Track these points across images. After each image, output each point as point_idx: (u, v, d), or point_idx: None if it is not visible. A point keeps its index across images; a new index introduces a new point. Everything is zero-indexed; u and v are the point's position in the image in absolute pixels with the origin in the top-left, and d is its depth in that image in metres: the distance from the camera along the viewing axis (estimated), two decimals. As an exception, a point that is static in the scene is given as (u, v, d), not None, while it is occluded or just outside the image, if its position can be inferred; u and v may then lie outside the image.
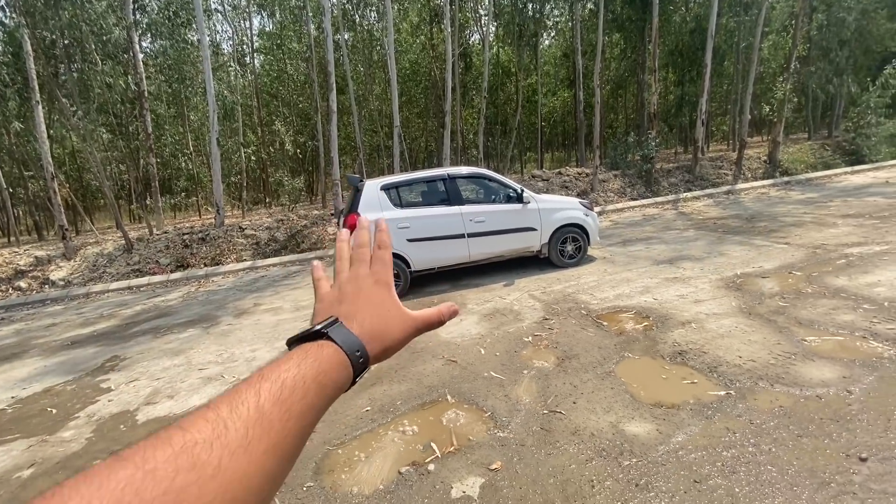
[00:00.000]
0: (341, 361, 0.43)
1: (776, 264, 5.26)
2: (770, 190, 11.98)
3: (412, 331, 0.52)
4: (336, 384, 0.42)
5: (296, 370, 0.40)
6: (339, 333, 0.45)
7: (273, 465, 0.34)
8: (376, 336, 0.48)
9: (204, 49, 10.11)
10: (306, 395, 0.39)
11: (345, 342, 0.45)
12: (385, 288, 0.52)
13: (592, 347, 3.65)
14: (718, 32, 17.98)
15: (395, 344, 0.50)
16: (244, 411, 0.35)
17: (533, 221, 6.04)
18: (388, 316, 0.50)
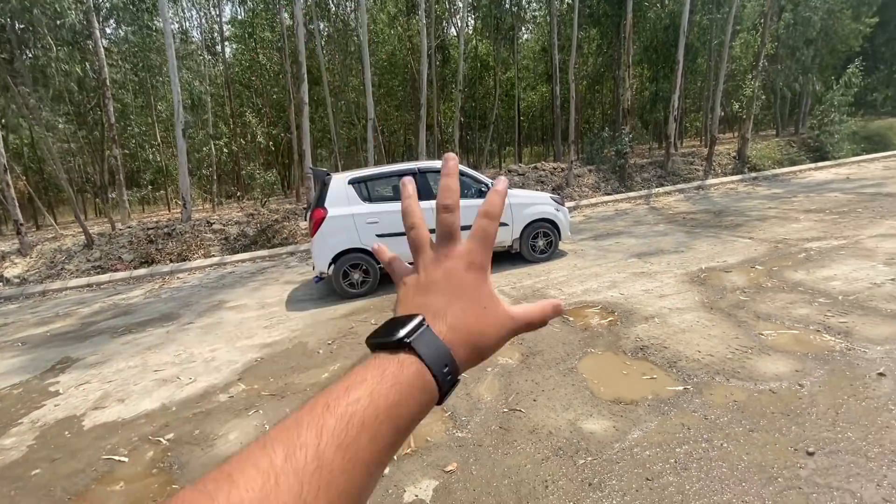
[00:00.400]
0: (425, 385, 0.36)
1: (740, 259, 5.37)
2: (738, 185, 12.27)
3: (510, 332, 0.43)
4: (414, 416, 0.35)
5: (367, 402, 0.33)
6: (426, 343, 0.37)
7: None
8: (468, 339, 0.40)
9: (167, 36, 9.70)
10: (376, 436, 0.32)
11: (430, 355, 0.36)
12: (482, 274, 0.43)
13: (557, 343, 3.64)
14: (692, 30, 18.27)
15: (488, 349, 0.42)
16: (301, 460, 0.29)
17: (504, 216, 5.99)
18: (483, 313, 0.41)
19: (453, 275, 0.42)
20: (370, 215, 5.52)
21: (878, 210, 7.04)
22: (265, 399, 3.34)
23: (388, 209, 5.62)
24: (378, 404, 0.33)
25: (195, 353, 4.41)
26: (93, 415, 3.42)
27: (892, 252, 4.93)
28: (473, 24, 20.44)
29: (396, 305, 0.43)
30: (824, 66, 19.09)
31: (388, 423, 0.33)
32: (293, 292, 6.26)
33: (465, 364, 0.40)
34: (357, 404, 0.32)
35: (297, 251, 9.35)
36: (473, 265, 0.43)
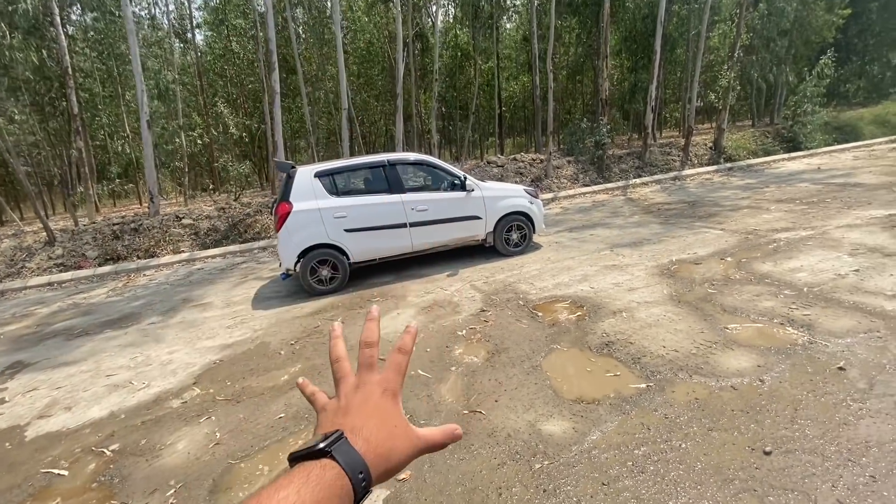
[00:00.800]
0: (343, 487, 0.40)
1: (710, 250, 5.38)
2: (714, 176, 12.39)
3: (416, 450, 0.48)
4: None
5: (294, 498, 0.37)
6: (344, 452, 0.42)
7: None
8: (382, 454, 0.45)
9: (128, 21, 9.26)
10: None
11: (349, 463, 0.42)
12: (393, 400, 0.50)
13: (524, 340, 3.57)
14: (670, 20, 18.32)
15: (398, 464, 0.46)
16: None
17: (477, 210, 5.91)
18: (394, 432, 0.47)
19: (369, 398, 0.48)
20: (338, 209, 5.35)
21: (846, 200, 7.15)
22: (219, 404, 3.20)
23: (357, 203, 5.47)
24: (304, 500, 0.37)
25: (152, 356, 4.22)
26: (37, 424, 3.23)
27: (857, 242, 4.99)
28: (453, 13, 20.12)
29: (316, 429, 0.48)
30: (798, 57, 19.37)
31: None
32: (261, 289, 6.07)
33: (377, 476, 0.44)
34: (286, 500, 0.36)
35: (269, 246, 9.11)
36: (388, 391, 0.50)
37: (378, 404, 0.48)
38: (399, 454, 0.46)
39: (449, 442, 0.52)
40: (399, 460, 0.46)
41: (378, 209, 5.51)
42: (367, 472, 0.42)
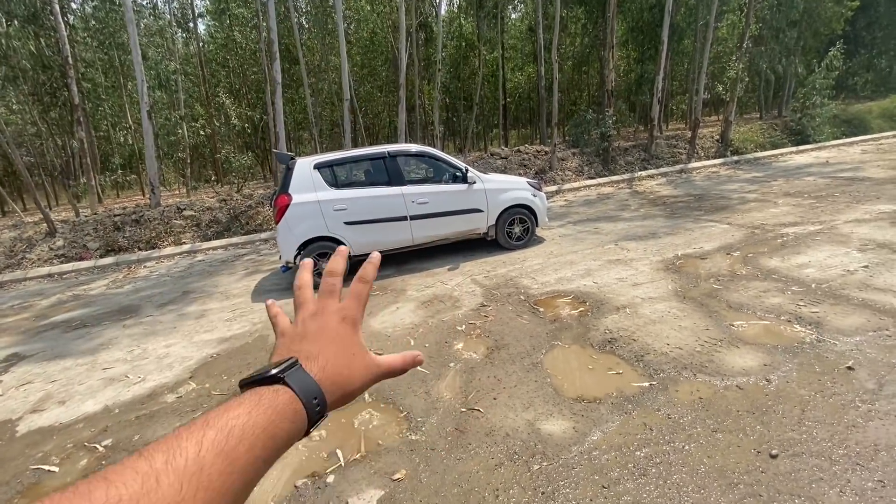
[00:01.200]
0: (296, 411, 0.40)
1: (716, 245, 5.28)
2: (720, 169, 12.22)
3: (375, 377, 0.49)
4: (288, 435, 0.39)
5: (246, 418, 0.36)
6: (297, 378, 0.42)
7: None
8: (337, 381, 0.45)
9: (127, 10, 9.15)
10: (254, 447, 0.35)
11: (302, 389, 0.41)
12: (352, 327, 0.49)
13: (524, 336, 3.50)
14: (678, 10, 17.99)
15: (355, 391, 0.47)
16: (181, 463, 0.31)
17: (479, 202, 5.82)
18: (352, 359, 0.47)
19: (327, 325, 0.48)
20: (338, 202, 5.28)
21: (855, 195, 7.01)
22: (215, 399, 3.16)
23: (357, 195, 5.39)
24: (255, 421, 0.36)
25: (149, 349, 4.19)
26: (29, 419, 3.21)
27: (866, 238, 4.87)
28: (457, 2, 19.83)
29: (272, 354, 0.47)
30: (807, 48, 19.02)
31: (263, 439, 0.36)
32: (261, 282, 6.03)
33: (333, 402, 0.44)
34: (237, 419, 0.36)
35: (271, 238, 9.06)
36: (347, 319, 0.49)
37: (336, 331, 0.48)
38: (356, 381, 0.46)
39: (409, 367, 0.52)
40: (356, 387, 0.46)
41: (378, 202, 5.43)
42: (322, 398, 0.42)
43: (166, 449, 0.32)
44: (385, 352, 3.58)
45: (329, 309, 0.49)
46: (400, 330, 3.92)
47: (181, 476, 0.30)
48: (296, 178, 5.20)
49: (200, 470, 0.31)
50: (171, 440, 0.33)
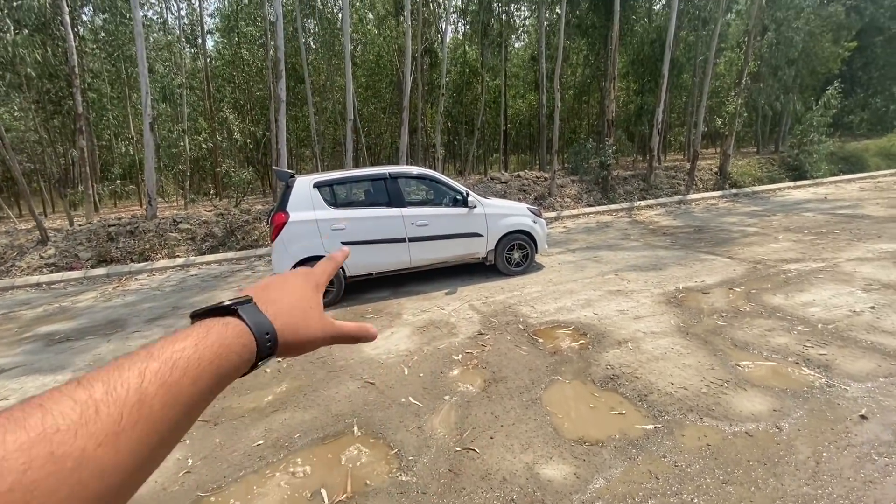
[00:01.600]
0: (246, 344, 0.40)
1: (718, 279, 5.20)
2: (719, 201, 12.27)
3: (328, 336, 0.50)
4: (235, 368, 0.39)
5: (192, 351, 0.36)
6: (250, 313, 0.42)
7: (145, 455, 0.30)
8: (291, 326, 0.45)
9: (137, 24, 9.25)
10: (198, 379, 0.35)
11: (255, 322, 0.42)
12: (314, 288, 0.51)
13: (523, 369, 3.37)
14: (678, 45, 18.44)
15: (310, 340, 0.47)
16: (122, 393, 0.31)
17: (479, 227, 5.75)
18: (308, 312, 0.48)
19: (290, 280, 0.51)
20: (336, 221, 5.20)
21: (856, 232, 6.99)
22: (195, 426, 3.00)
23: (356, 215, 5.32)
24: (202, 354, 0.36)
25: (132, 368, 4.02)
26: None
27: (870, 277, 4.81)
28: (462, 30, 20.27)
29: None
30: (804, 86, 19.45)
31: (209, 372, 0.36)
32: (253, 300, 5.88)
33: (285, 345, 0.44)
34: (182, 352, 0.35)
35: (267, 254, 8.95)
36: (310, 280, 0.52)
37: (297, 286, 0.50)
38: (309, 332, 0.47)
39: (362, 339, 0.53)
40: (309, 337, 0.47)
41: (377, 223, 5.36)
42: (274, 335, 0.43)
43: (107, 378, 0.31)
44: (377, 379, 3.44)
45: (298, 271, 0.53)
46: (394, 357, 3.78)
47: (122, 406, 0.30)
48: (294, 195, 5.13)
49: (141, 401, 0.31)
50: (111, 370, 0.32)
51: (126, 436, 0.29)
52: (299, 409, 3.08)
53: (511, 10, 17.99)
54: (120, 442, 0.29)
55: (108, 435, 0.28)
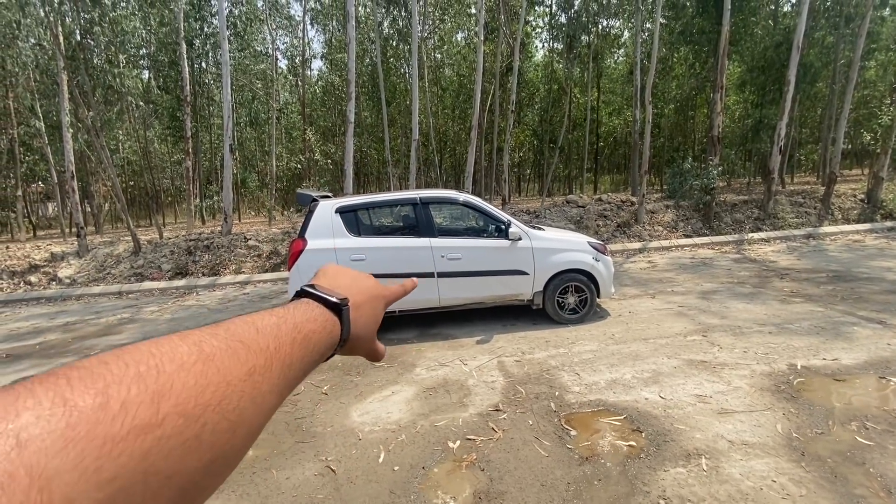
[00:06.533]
0: (335, 343, 0.44)
1: (862, 357, 3.63)
2: (866, 237, 9.67)
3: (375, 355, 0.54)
4: (323, 358, 0.43)
5: (320, 328, 0.41)
6: (347, 317, 0.46)
7: (275, 406, 0.34)
8: (358, 338, 0.49)
9: (223, 52, 9.87)
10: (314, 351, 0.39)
11: (346, 328, 0.46)
12: (383, 306, 0.55)
13: (534, 482, 2.39)
14: (812, 47, 15.56)
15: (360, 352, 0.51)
16: (285, 349, 0.35)
17: (523, 263, 4.80)
18: (374, 327, 0.52)
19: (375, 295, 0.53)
20: (356, 251, 4.63)
21: None
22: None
23: (378, 245, 4.70)
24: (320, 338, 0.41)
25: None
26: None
27: None
28: (549, 45, 19.34)
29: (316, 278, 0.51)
30: None
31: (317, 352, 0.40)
32: (278, 329, 5.54)
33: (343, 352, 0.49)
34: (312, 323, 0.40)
35: (320, 276, 8.79)
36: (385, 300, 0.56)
37: (379, 304, 0.53)
38: (364, 347, 0.51)
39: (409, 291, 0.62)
40: (359, 347, 0.50)
41: (402, 254, 4.69)
42: (344, 344, 0.46)
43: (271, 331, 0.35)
44: (342, 465, 2.69)
45: (378, 284, 0.56)
46: (378, 430, 3.00)
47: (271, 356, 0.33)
48: (315, 221, 4.68)
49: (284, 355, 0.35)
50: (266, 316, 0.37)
51: (280, 390, 0.34)
52: (234, 496, 2.43)
53: (601, 21, 16.65)
54: (278, 393, 0.33)
55: (275, 387, 0.33)
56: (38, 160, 18.91)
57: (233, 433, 0.28)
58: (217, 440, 0.27)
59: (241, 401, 0.29)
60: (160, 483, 0.23)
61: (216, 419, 0.27)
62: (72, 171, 9.80)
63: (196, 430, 0.25)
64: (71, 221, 18.31)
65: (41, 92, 15.68)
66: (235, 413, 0.28)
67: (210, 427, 0.26)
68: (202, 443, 0.26)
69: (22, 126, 16.90)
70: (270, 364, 0.32)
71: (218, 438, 0.27)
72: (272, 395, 0.32)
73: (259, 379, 0.31)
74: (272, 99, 17.33)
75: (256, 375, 0.31)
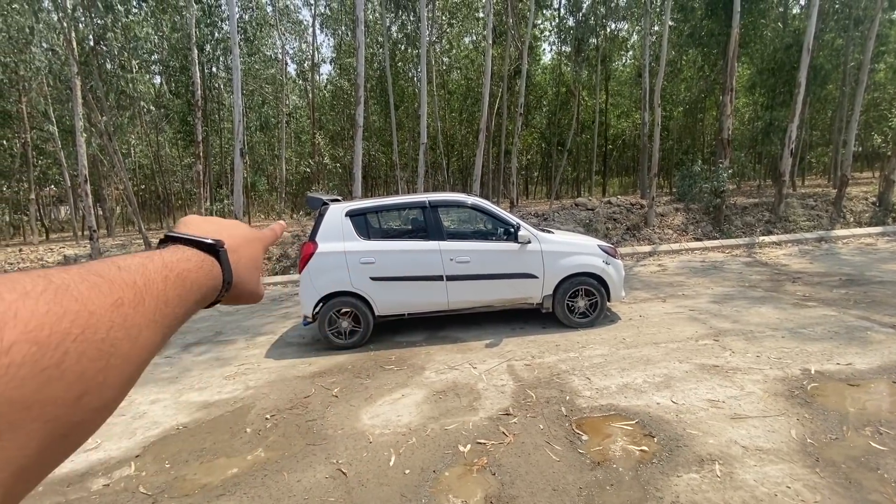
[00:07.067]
0: (216, 286, 0.44)
1: (876, 362, 3.59)
2: (878, 241, 9.55)
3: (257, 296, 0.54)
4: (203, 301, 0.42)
5: (194, 269, 0.40)
6: (226, 261, 0.46)
7: (154, 343, 0.33)
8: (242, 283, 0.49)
9: (234, 58, 9.99)
10: (188, 293, 0.39)
11: (227, 271, 0.45)
12: (262, 247, 0.55)
13: (545, 486, 2.39)
14: (823, 49, 15.43)
15: (246, 299, 0.52)
16: (156, 285, 0.35)
17: (532, 266, 4.80)
18: (256, 273, 0.53)
19: (250, 238, 0.53)
20: (366, 254, 4.66)
21: None
22: (135, 499, 2.54)
23: (387, 248, 4.73)
24: (196, 277, 0.40)
25: (135, 402, 3.82)
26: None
27: None
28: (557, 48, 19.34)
29: (181, 226, 0.48)
30: None
31: (194, 293, 0.39)
32: (287, 332, 5.58)
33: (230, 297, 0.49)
34: (186, 263, 0.40)
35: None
36: (264, 242, 0.56)
37: (257, 246, 0.54)
38: (248, 289, 0.51)
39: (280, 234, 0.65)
40: (244, 292, 0.50)
41: (411, 257, 4.71)
42: (230, 286, 0.46)
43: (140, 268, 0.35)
44: (353, 468, 2.70)
45: (250, 228, 0.55)
46: (389, 434, 3.02)
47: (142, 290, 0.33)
48: (325, 225, 4.72)
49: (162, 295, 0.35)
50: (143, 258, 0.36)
51: (158, 324, 0.33)
52: (245, 498, 2.46)
53: (609, 24, 16.64)
54: (154, 329, 0.33)
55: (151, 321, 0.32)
56: (52, 164, 19.21)
57: (105, 363, 0.27)
58: (86, 370, 0.26)
59: (110, 331, 0.28)
60: (17, 413, 0.22)
61: (81, 348, 0.26)
62: (85, 175, 9.95)
63: (56, 357, 0.24)
64: (83, 224, 18.57)
65: (54, 97, 15.95)
66: (106, 343, 0.27)
67: (74, 356, 0.25)
68: (66, 371, 0.25)
69: (35, 130, 17.19)
70: (142, 298, 0.32)
71: (87, 368, 0.26)
72: (149, 329, 0.32)
73: (130, 311, 0.30)
74: (282, 103, 17.48)
75: (126, 307, 0.30)
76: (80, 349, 0.25)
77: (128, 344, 0.29)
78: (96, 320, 0.27)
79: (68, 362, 0.25)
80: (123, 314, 0.29)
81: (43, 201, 25.16)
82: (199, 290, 0.40)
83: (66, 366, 0.25)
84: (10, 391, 0.22)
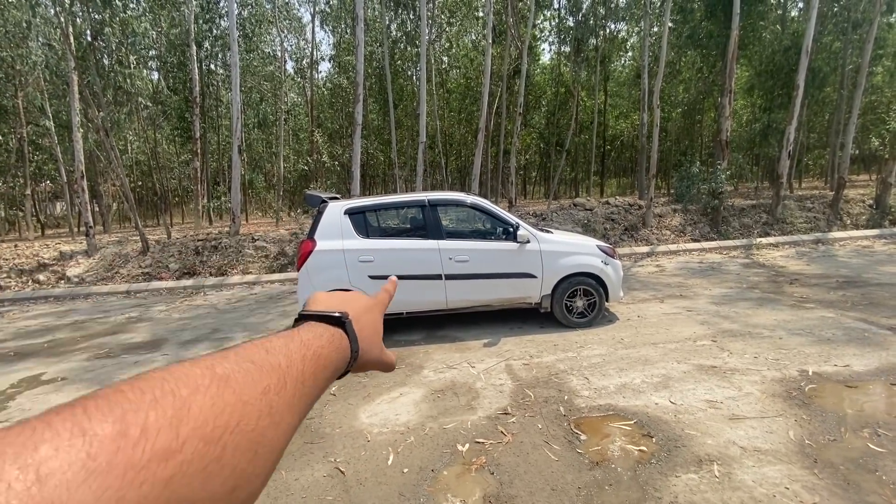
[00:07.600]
0: (346, 358, 0.45)
1: (873, 364, 3.60)
2: (875, 243, 9.59)
3: (384, 364, 0.55)
4: (337, 373, 0.43)
5: (328, 347, 0.41)
6: (351, 329, 0.47)
7: (294, 426, 0.34)
8: (367, 349, 0.50)
9: (233, 55, 9.95)
10: (325, 370, 0.40)
11: (353, 339, 0.47)
12: (379, 312, 0.57)
13: (544, 486, 2.38)
14: (821, 52, 15.50)
15: (369, 363, 0.52)
16: (296, 366, 0.36)
17: (531, 266, 4.80)
18: (377, 338, 0.53)
19: (371, 307, 0.55)
20: (364, 252, 4.65)
21: None
22: (130, 499, 2.52)
23: (386, 247, 4.72)
24: (330, 353, 0.41)
25: (131, 400, 3.78)
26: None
27: None
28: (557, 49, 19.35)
29: (308, 305, 0.51)
30: None
31: (330, 370, 0.41)
32: (285, 330, 5.56)
33: (358, 365, 0.49)
34: (321, 347, 0.40)
35: (326, 277, 8.81)
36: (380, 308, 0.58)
37: (376, 313, 0.55)
38: (373, 356, 0.51)
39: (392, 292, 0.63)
40: (372, 361, 0.52)
41: (409, 255, 4.70)
42: (357, 353, 0.47)
43: (282, 351, 0.36)
44: (351, 466, 2.70)
45: (367, 297, 0.57)
46: (387, 432, 3.01)
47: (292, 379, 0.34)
48: (324, 223, 4.70)
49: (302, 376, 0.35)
50: (283, 339, 0.38)
51: (296, 407, 0.34)
52: (243, 497, 2.44)
53: (609, 25, 16.64)
54: (294, 412, 0.33)
55: (290, 405, 0.33)
56: (48, 159, 19.10)
57: (254, 454, 0.27)
58: (239, 462, 0.26)
59: (259, 420, 0.28)
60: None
61: (236, 440, 0.26)
62: (81, 170, 9.89)
63: (217, 452, 0.25)
64: (79, 220, 18.46)
65: (51, 92, 15.84)
66: (255, 433, 0.28)
67: (230, 449, 0.25)
68: (224, 466, 0.25)
69: (31, 125, 17.08)
70: (284, 382, 0.32)
71: (240, 461, 0.26)
72: (289, 413, 0.32)
73: (274, 397, 0.31)
74: (280, 100, 17.44)
75: (271, 394, 0.31)
76: (235, 442, 0.26)
77: (273, 431, 0.30)
78: (248, 411, 0.28)
79: (227, 456, 0.25)
80: (269, 401, 0.30)
81: (39, 197, 25.03)
82: (331, 366, 0.41)
83: (225, 460, 0.25)
84: (181, 488, 0.22)
